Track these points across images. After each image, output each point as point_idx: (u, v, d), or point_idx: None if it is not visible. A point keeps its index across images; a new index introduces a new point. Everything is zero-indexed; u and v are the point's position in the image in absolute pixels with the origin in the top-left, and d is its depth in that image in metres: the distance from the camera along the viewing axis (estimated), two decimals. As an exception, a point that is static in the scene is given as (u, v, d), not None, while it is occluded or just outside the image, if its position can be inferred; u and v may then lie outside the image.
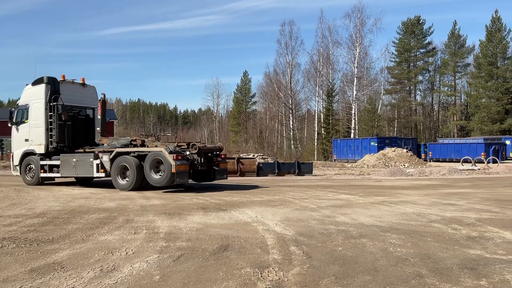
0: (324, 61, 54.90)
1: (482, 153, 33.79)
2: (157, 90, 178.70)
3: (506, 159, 39.02)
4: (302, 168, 23.24)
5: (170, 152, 12.40)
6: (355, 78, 50.54)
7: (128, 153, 13.33)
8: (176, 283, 4.35)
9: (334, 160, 42.45)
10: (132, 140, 14.26)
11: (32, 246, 5.90)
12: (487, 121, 57.94)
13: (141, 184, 13.10)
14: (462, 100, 69.12)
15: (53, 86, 14.92)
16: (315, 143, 52.69)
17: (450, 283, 4.34)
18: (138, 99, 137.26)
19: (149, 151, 12.92)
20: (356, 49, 50.57)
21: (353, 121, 50.34)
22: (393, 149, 32.44)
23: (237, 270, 4.79)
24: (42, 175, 15.14)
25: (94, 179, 16.21)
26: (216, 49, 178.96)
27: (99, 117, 15.16)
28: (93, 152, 14.10)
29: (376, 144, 38.21)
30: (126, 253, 5.49)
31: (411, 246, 5.88)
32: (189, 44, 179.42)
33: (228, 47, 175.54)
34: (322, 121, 54.03)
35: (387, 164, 29.20)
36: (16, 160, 15.94)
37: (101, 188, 14.45)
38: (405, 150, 32.13)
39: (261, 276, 4.55)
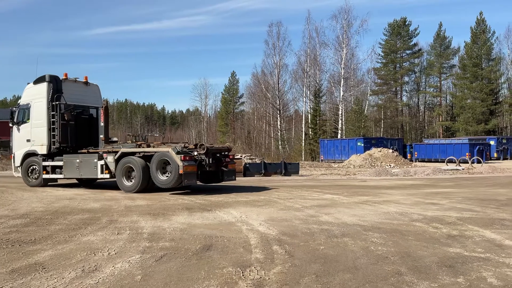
0: (311, 62, 55.20)
1: (467, 153, 34.23)
2: (145, 90, 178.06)
3: (490, 159, 39.58)
4: (289, 169, 23.32)
5: (178, 153, 11.97)
6: (342, 79, 50.86)
7: (133, 153, 12.94)
8: (157, 282, 4.37)
9: (321, 160, 42.65)
10: (137, 145, 13.76)
11: (14, 247, 5.87)
12: (472, 121, 58.72)
13: (147, 186, 12.76)
14: (447, 101, 69.93)
15: (55, 85, 14.54)
16: (303, 144, 52.91)
17: (428, 281, 4.42)
18: (125, 99, 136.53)
19: (156, 151, 12.54)
20: (343, 50, 50.90)
21: (340, 121, 50.63)
22: (379, 149, 32.70)
23: (219, 269, 4.82)
24: (45, 176, 14.73)
25: (98, 180, 15.81)
26: (204, 49, 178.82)
27: (102, 124, 14.52)
28: (97, 152, 13.72)
29: (362, 145, 38.46)
30: (109, 254, 5.48)
31: (392, 245, 5.97)
32: (177, 44, 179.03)
33: (216, 48, 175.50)
34: (309, 121, 54.28)
35: (373, 165, 29.44)
36: (18, 161, 15.52)
37: (86, 189, 14.37)
38: (391, 151, 32.41)
39: (243, 275, 4.59)
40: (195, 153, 12.39)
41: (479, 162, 29.97)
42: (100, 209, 9.46)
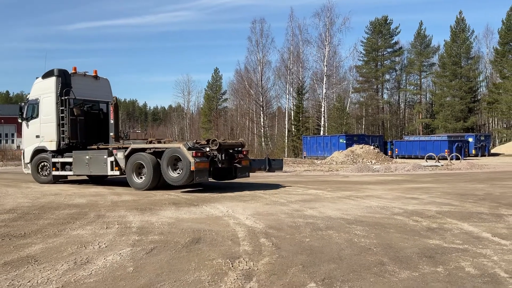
0: (294, 59, 55.48)
1: (446, 150, 34.91)
2: (126, 86, 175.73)
3: (469, 156, 40.45)
4: (273, 165, 23.50)
5: (189, 149, 11.57)
6: (325, 77, 51.30)
7: (144, 149, 12.57)
8: (149, 273, 4.50)
9: (304, 157, 43.00)
10: (148, 141, 13.38)
11: (4, 240, 5.92)
12: (451, 119, 59.87)
13: (158, 183, 12.35)
14: (427, 98, 71.08)
15: (64, 79, 14.24)
16: (286, 140, 53.25)
17: (409, 270, 4.64)
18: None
19: (167, 148, 12.14)
20: (325, 48, 51.31)
21: (322, 118, 51.08)
22: (360, 146, 33.12)
23: (209, 261, 4.97)
24: (54, 173, 14.43)
25: (108, 177, 15.41)
26: (187, 45, 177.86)
27: (111, 121, 14.13)
28: (107, 149, 13.37)
29: (344, 142, 38.89)
30: (99, 247, 5.58)
31: (375, 237, 6.20)
32: (159, 40, 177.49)
33: (199, 44, 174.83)
34: (292, 118, 54.60)
35: (355, 161, 29.84)
36: (27, 158, 15.25)
37: (71, 185, 14.35)
38: (372, 147, 32.86)
39: (232, 266, 4.75)
40: (207, 149, 12.01)
41: (457, 158, 30.67)
42: (87, 204, 9.51)
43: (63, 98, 14.06)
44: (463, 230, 6.76)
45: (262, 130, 58.49)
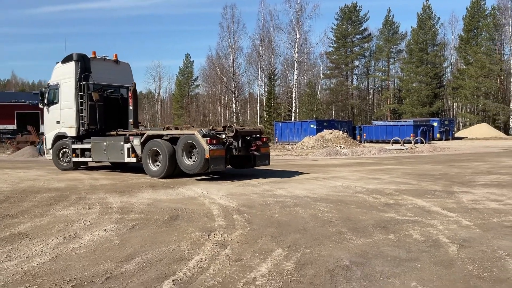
0: (265, 45, 56.03)
1: (411, 134, 36.30)
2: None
3: (433, 140, 42.13)
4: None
5: (204, 136, 11.12)
6: (296, 63, 52.09)
7: (159, 136, 12.21)
8: (134, 245, 5.02)
9: (276, 142, 43.80)
10: (165, 128, 12.94)
11: (-7, 221, 6.31)
12: (418, 104, 61.82)
13: (174, 171, 11.90)
14: (395, 84, 72.97)
15: (83, 64, 13.99)
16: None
17: (364, 238, 5.31)
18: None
19: (182, 134, 11.76)
20: (296, 34, 52.01)
21: (293, 104, 51.98)
22: (330, 131, 34.06)
23: (187, 234, 5.52)
24: (74, 159, 14.29)
25: (129, 164, 15.03)
26: (157, 30, 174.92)
27: (130, 107, 13.83)
28: (124, 135, 13.12)
29: (315, 127, 39.87)
30: (85, 224, 6.05)
31: (337, 212, 6.87)
32: (128, 24, 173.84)
33: (170, 29, 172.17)
34: (264, 104, 55.30)
35: (324, 146, 30.74)
36: (49, 144, 15.09)
37: (47, 171, 14.53)
38: (341, 132, 33.85)
39: (209, 238, 5.32)
40: (223, 136, 11.58)
41: (422, 142, 31.99)
42: (66, 188, 9.88)
43: (81, 83, 13.85)
44: (416, 205, 7.51)
45: (234, 116, 58.94)
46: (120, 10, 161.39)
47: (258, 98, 57.63)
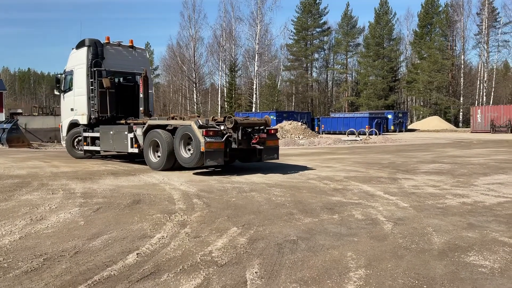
0: (227, 36, 56.25)
1: (366, 126, 37.64)
2: (50, 59, 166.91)
3: (387, 132, 43.85)
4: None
5: (200, 127, 10.24)
6: (256, 54, 52.62)
7: (159, 126, 11.55)
8: (99, 225, 5.39)
9: (236, 133, 44.24)
10: (169, 118, 12.24)
11: (-43, 205, 6.47)
12: (374, 97, 63.88)
13: (175, 164, 11.07)
14: (352, 77, 74.97)
15: (96, 50, 13.51)
16: (219, 117, 54.18)
17: (311, 217, 5.89)
18: (28, 68, 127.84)
19: (180, 125, 10.95)
20: (257, 26, 52.49)
21: (254, 95, 52.56)
22: (289, 122, 34.78)
23: (149, 215, 5.93)
24: (85, 148, 13.88)
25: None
26: (116, 17, 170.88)
27: (141, 95, 13.26)
28: (128, 124, 12.64)
29: (275, 118, 40.59)
30: (50, 208, 6.34)
31: (289, 196, 7.45)
32: (86, 10, 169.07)
33: (129, 16, 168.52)
34: (225, 95, 55.59)
35: (283, 136, 31.44)
36: (64, 131, 14.72)
37: (6, 159, 14.40)
38: (300, 124, 34.64)
39: (169, 219, 5.75)
40: (222, 127, 10.62)
41: (376, 134, 33.34)
42: (28, 175, 9.99)
43: (93, 69, 13.40)
44: (362, 190, 8.19)
45: (195, 107, 58.95)
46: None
47: (219, 88, 57.85)
